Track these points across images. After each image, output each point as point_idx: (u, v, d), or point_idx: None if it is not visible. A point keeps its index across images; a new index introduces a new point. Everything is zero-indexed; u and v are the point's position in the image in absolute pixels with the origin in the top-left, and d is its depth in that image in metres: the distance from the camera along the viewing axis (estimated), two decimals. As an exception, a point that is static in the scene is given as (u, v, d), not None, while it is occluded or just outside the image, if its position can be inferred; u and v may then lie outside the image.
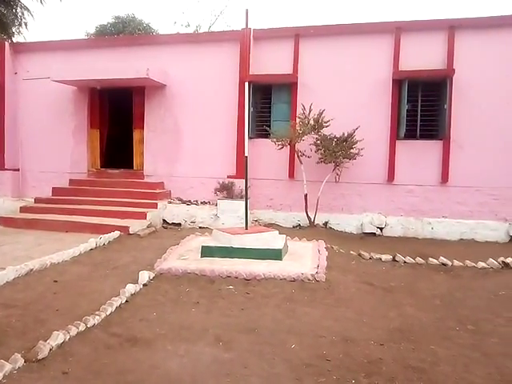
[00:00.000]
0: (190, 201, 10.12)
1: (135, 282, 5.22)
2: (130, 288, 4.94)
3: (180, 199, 10.23)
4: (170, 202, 10.00)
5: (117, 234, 8.08)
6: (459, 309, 4.89)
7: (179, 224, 9.64)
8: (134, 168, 10.93)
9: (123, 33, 17.19)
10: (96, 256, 6.79)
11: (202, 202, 10.02)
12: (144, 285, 5.23)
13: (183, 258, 6.29)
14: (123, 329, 4.02)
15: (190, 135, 10.36)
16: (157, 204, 9.62)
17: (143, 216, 9.11)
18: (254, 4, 30.01)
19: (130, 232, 8.34)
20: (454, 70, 8.76)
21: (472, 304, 5.07)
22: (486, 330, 4.31)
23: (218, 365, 3.42)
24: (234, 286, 5.23)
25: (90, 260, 6.54)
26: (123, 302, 4.64)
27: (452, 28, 8.87)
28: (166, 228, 9.44)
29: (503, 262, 6.68)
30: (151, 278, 5.45)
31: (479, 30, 8.85)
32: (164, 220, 9.71)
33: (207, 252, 6.28)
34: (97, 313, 4.23)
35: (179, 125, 10.44)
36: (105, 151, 11.53)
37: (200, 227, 9.36)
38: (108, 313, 4.29)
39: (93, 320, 4.05)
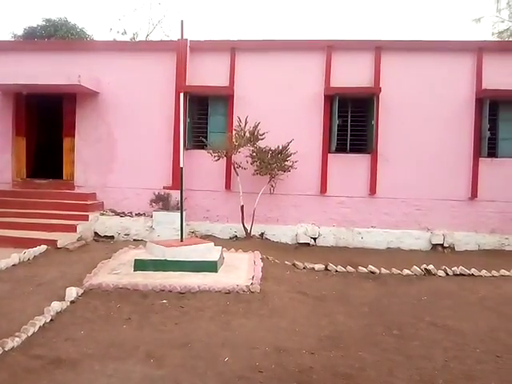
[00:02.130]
0: (123, 212, 9.80)
1: (62, 299, 4.96)
2: (56, 306, 4.67)
3: (113, 211, 9.88)
4: (103, 214, 9.63)
5: (43, 248, 7.63)
6: (385, 315, 5.15)
7: (112, 237, 9.30)
8: (64, 178, 10.41)
9: (54, 37, 16.40)
10: (19, 272, 6.36)
11: (136, 214, 9.75)
12: (71, 302, 4.98)
13: (115, 272, 6.07)
14: (46, 350, 3.80)
15: (124, 145, 10.07)
16: (88, 216, 9.21)
17: (73, 229, 8.68)
18: (192, 16, 30.05)
19: (58, 246, 7.91)
20: (380, 88, 9.33)
21: (397, 310, 5.36)
22: (409, 334, 4.58)
23: (149, 382, 3.33)
24: (167, 300, 5.13)
25: (11, 277, 6.11)
26: (47, 320, 4.38)
27: (378, 49, 9.47)
28: (97, 241, 9.06)
29: (425, 269, 7.15)
30: (79, 294, 5.20)
31: (401, 52, 9.51)
32: (96, 233, 9.32)
33: (140, 265, 6.11)
34: (16, 334, 3.95)
35: (113, 134, 10.12)
36: (32, 160, 10.88)
37: (134, 240, 9.09)
38: (30, 333, 4.03)
39: (11, 342, 3.78)
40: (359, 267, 7.21)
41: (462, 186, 9.40)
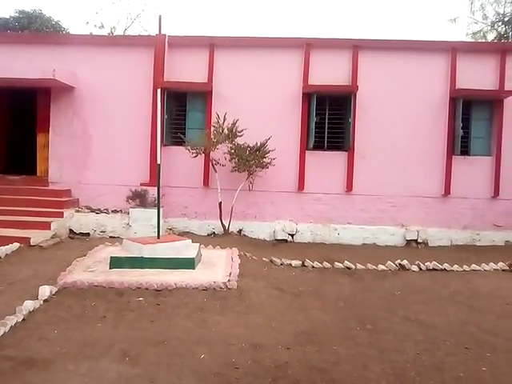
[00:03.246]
0: (99, 209, 9.66)
1: (35, 298, 4.87)
2: (29, 305, 4.59)
3: (89, 208, 9.73)
4: (78, 211, 9.48)
5: (16, 246, 7.46)
6: (360, 309, 5.24)
7: (88, 234, 9.17)
8: (38, 174, 10.18)
9: (28, 29, 15.94)
10: (-11, 271, 6.20)
11: (113, 211, 9.63)
12: (45, 301, 4.89)
13: (90, 270, 5.99)
14: (18, 350, 3.73)
15: (101, 140, 9.92)
16: (63, 213, 9.05)
17: (47, 226, 8.51)
18: (172, 11, 29.70)
19: (32, 243, 7.75)
20: (357, 86, 9.45)
21: (372, 304, 5.46)
22: (382, 328, 4.67)
23: (123, 381, 3.31)
24: (144, 298, 5.10)
25: (-19, 276, 5.95)
26: (19, 320, 4.29)
27: (356, 47, 9.57)
28: (72, 238, 8.91)
29: (400, 264, 7.30)
30: (53, 292, 5.11)
31: (379, 51, 9.65)
32: (71, 230, 9.17)
33: (116, 263, 6.04)
34: (-13, 334, 3.88)
35: (89, 129, 9.95)
36: (4, 155, 10.61)
37: (110, 237, 8.99)
38: (0, 334, 3.94)
39: (-19, 343, 3.70)
40: (335, 263, 7.31)
41: (435, 183, 9.63)
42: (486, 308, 5.42)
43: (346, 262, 7.31)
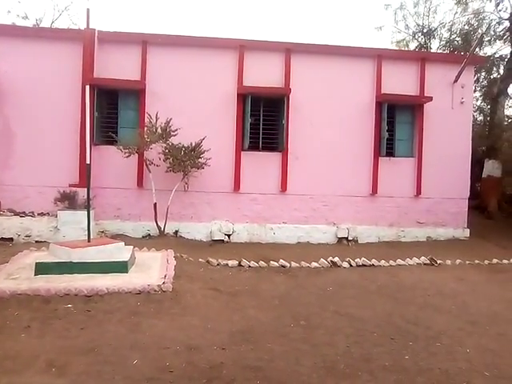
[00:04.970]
0: (24, 212, 9.07)
1: None
2: None
3: (12, 210, 9.10)
4: (0, 215, 8.82)
5: None
6: (294, 306, 5.39)
7: (11, 239, 8.57)
8: (-48, 175, 9.35)
9: None
10: None
11: (39, 214, 9.08)
12: (-40, 312, 4.51)
13: (12, 277, 5.60)
14: None
15: (25, 139, 9.31)
16: (-19, 217, 8.39)
17: (-37, 231, 7.85)
18: (104, 6, 28.52)
19: None
20: (290, 88, 9.69)
21: (305, 301, 5.64)
22: (315, 323, 4.84)
23: (49, 393, 3.15)
24: (73, 305, 4.86)
25: None
26: None
27: (288, 51, 9.81)
28: (-7, 244, 8.29)
29: (331, 261, 7.61)
30: (-30, 303, 4.73)
31: (310, 55, 9.97)
32: (-9, 235, 8.52)
33: (43, 269, 5.71)
34: None
35: (11, 127, 9.31)
36: None
37: (37, 241, 8.46)
38: None
39: None
40: (271, 262, 7.45)
41: (364, 183, 10.14)
42: (410, 300, 5.81)
43: (281, 260, 7.48)
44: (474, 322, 5.03)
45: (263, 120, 9.82)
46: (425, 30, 17.52)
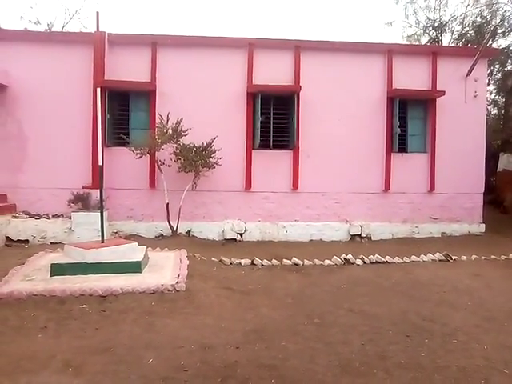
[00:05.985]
0: (39, 214, 9.19)
1: (-34, 311, 4.55)
2: (-40, 319, 4.28)
3: (27, 213, 9.23)
4: (15, 217, 8.95)
5: None
6: (308, 304, 5.36)
7: (26, 241, 8.68)
8: (-32, 179, 9.51)
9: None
10: None
11: (53, 216, 9.19)
12: (-22, 314, 4.58)
13: (29, 278, 5.68)
14: None
15: (38, 142, 9.44)
16: (-3, 220, 8.52)
17: (-20, 234, 7.98)
18: (114, 8, 28.74)
19: (-37, 253, 7.24)
20: (300, 86, 9.64)
21: (319, 299, 5.60)
22: (329, 321, 4.80)
23: (66, 393, 3.18)
24: (88, 305, 4.91)
25: None
26: (-51, 336, 4.00)
27: (298, 48, 9.76)
28: (9, 246, 8.41)
29: (345, 258, 7.56)
30: (-13, 305, 4.80)
31: (320, 51, 9.90)
32: (7, 237, 8.63)
33: (58, 270, 5.77)
34: None
35: (25, 131, 9.44)
36: None
37: (51, 243, 8.56)
38: None
39: None
40: (284, 260, 7.43)
41: (376, 179, 10.05)
42: (425, 296, 5.73)
43: (294, 258, 7.46)
44: (491, 319, 4.94)
45: (274, 118, 9.80)
46: (436, 24, 17.31)
